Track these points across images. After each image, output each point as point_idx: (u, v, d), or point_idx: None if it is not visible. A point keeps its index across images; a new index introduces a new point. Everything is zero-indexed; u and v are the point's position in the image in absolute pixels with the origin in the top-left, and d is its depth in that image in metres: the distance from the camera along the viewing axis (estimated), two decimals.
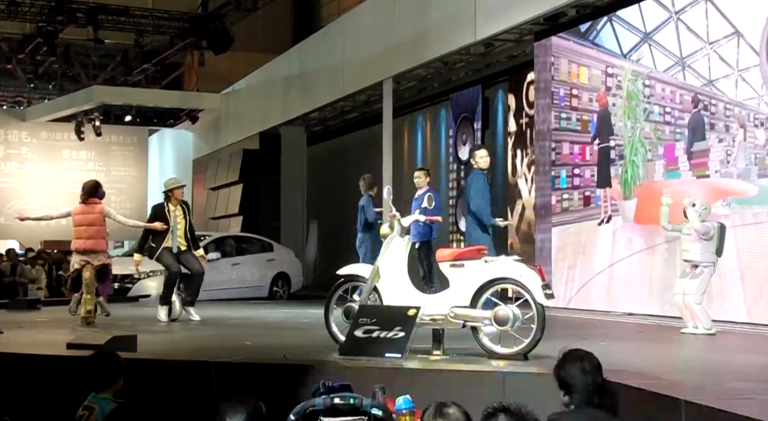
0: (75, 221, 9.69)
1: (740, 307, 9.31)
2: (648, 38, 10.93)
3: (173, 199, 10.01)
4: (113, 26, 20.92)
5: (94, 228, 9.60)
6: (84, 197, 9.84)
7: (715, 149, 9.81)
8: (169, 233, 9.85)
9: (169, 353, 7.07)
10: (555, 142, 12.54)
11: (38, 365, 6.35)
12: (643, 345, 8.11)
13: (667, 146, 10.55)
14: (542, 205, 12.77)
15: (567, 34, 12.33)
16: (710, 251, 8.47)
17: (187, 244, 10.02)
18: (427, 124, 17.46)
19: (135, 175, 24.92)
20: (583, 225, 11.96)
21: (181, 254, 9.97)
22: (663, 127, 10.64)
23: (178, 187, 10.08)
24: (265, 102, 20.42)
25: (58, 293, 17.74)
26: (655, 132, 10.71)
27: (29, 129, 23.92)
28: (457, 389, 5.25)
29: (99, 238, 9.60)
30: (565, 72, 12.35)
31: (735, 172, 9.58)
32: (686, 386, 5.12)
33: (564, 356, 4.01)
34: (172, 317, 10.00)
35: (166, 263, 9.91)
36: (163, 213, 9.93)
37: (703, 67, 10.05)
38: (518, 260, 6.57)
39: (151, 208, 10.46)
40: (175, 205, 10.00)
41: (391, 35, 14.96)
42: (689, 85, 10.23)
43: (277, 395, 5.15)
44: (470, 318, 6.42)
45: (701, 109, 10.05)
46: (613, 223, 11.44)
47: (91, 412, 4.39)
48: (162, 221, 9.83)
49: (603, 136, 11.67)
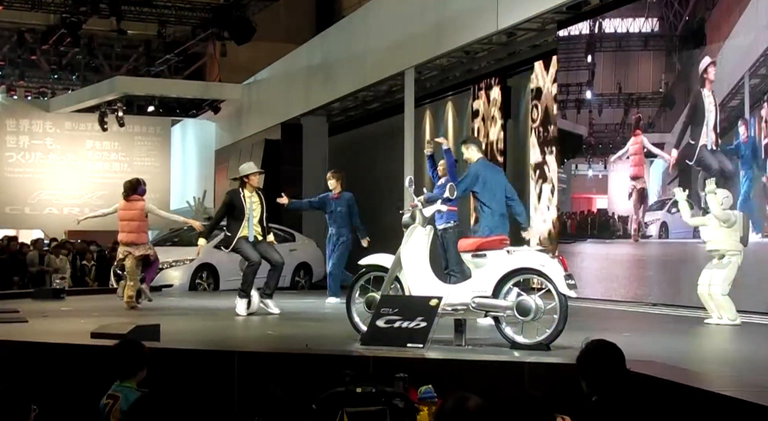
0: (119, 216, 10.57)
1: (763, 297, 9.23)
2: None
3: (249, 186, 9.56)
4: (136, 17, 20.99)
5: (135, 223, 10.47)
6: (125, 195, 10.68)
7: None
8: (245, 221, 9.42)
9: (192, 342, 7.10)
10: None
11: (63, 354, 6.40)
12: (667, 336, 8.06)
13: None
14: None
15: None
16: (734, 240, 8.39)
17: (263, 233, 9.59)
18: (448, 114, 17.41)
19: (158, 165, 25.00)
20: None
21: (258, 243, 9.52)
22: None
23: (254, 173, 9.66)
24: (287, 92, 20.43)
25: (81, 282, 17.90)
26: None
27: (53, 120, 24.06)
28: (478, 380, 5.25)
29: (140, 232, 10.49)
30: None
31: None
32: (711, 378, 5.09)
33: (587, 346, 3.99)
34: (250, 310, 9.56)
35: (246, 254, 9.47)
36: (239, 200, 9.49)
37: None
38: (541, 251, 6.54)
39: (225, 194, 10.02)
40: (251, 192, 9.57)
41: (413, 25, 14.90)
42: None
43: (300, 385, 5.17)
44: (492, 308, 6.41)
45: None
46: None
47: (115, 401, 4.42)
48: (237, 208, 9.42)
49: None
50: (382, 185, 17.85)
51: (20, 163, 23.72)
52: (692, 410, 4.33)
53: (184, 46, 22.60)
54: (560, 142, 13.09)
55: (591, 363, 3.90)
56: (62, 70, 24.78)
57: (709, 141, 10.24)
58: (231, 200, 9.53)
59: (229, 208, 9.50)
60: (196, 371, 5.94)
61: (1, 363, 6.50)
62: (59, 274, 16.22)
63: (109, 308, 10.60)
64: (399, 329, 6.20)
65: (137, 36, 23.43)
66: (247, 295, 9.55)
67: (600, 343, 4.00)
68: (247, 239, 9.43)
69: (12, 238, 19.58)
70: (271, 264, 9.56)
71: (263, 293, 9.71)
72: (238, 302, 9.55)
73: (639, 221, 11.36)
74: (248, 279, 9.51)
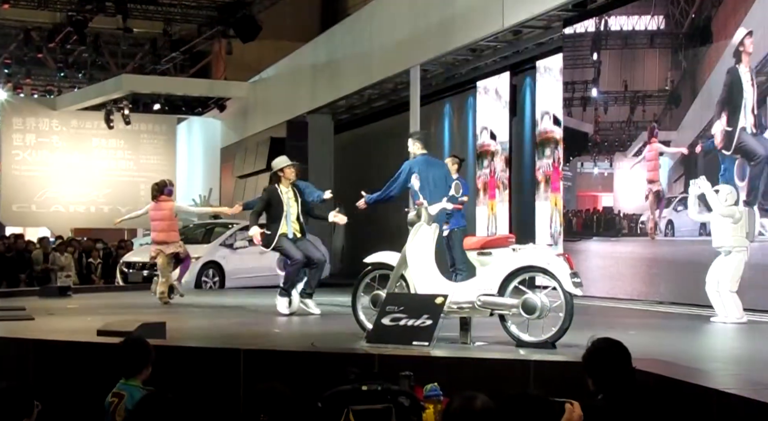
0: (150, 216, 11.03)
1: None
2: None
3: (284, 181, 9.29)
4: (142, 15, 21.04)
5: (165, 222, 10.93)
6: (153, 196, 11.06)
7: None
8: (283, 219, 9.13)
9: (197, 340, 7.11)
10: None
11: (69, 351, 6.41)
12: (673, 334, 8.04)
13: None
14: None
15: None
16: (740, 236, 8.38)
17: (302, 229, 9.27)
18: (454, 112, 17.39)
19: (164, 163, 25.03)
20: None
21: (299, 240, 9.20)
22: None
23: (288, 166, 9.35)
24: (293, 90, 20.43)
25: (87, 280, 17.93)
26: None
27: (59, 118, 24.11)
28: (484, 378, 5.25)
29: (170, 230, 10.96)
30: None
31: None
32: (717, 376, 5.08)
33: (593, 344, 3.99)
34: (291, 310, 9.27)
35: (288, 252, 9.14)
36: (277, 196, 9.20)
37: None
38: (546, 248, 6.53)
39: (263, 191, 9.69)
40: (287, 187, 9.29)
41: (418, 22, 14.89)
42: None
43: (305, 383, 5.17)
44: (498, 306, 6.41)
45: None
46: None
47: (120, 399, 4.42)
48: (276, 204, 9.14)
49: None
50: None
51: (27, 161, 23.77)
52: (698, 409, 4.33)
53: (190, 44, 22.64)
54: (566, 139, 13.07)
55: (597, 361, 3.89)
56: (68, 68, 24.83)
57: (748, 124, 9.52)
58: (269, 198, 9.25)
59: (267, 205, 9.25)
60: (202, 369, 5.95)
61: (8, 360, 6.52)
62: (64, 272, 16.26)
63: (115, 305, 10.63)
64: (404, 327, 6.20)
65: (143, 34, 23.46)
66: (289, 294, 9.27)
67: (606, 341, 4.00)
68: (287, 236, 9.14)
69: (18, 236, 19.62)
70: (312, 262, 9.20)
71: (303, 292, 9.34)
72: (279, 300, 9.27)
73: (655, 220, 11.28)
74: (291, 278, 9.26)
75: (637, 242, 11.57)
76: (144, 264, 15.64)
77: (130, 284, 15.19)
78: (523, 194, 14.77)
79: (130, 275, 15.60)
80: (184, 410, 3.22)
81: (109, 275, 17.83)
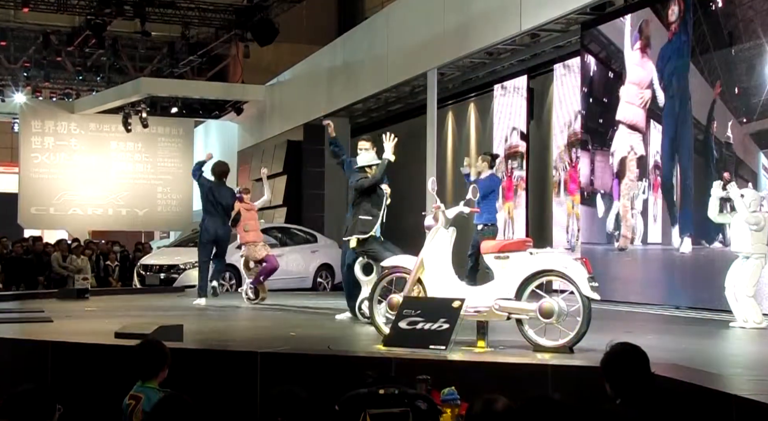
0: (246, 216, 11.40)
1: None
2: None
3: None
4: (160, 19, 21.12)
5: (256, 222, 11.50)
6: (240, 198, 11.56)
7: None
8: (378, 220, 8.39)
9: (214, 343, 7.13)
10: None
11: (87, 353, 6.44)
12: (691, 339, 7.99)
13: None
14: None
15: None
16: (762, 242, 8.32)
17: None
18: (471, 115, 17.37)
19: (181, 166, 25.11)
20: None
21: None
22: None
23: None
24: (310, 93, 20.47)
25: (105, 282, 18.01)
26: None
27: (78, 121, 24.24)
28: (501, 382, 5.23)
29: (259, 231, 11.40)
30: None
31: None
32: (736, 381, 5.04)
33: (611, 349, 3.97)
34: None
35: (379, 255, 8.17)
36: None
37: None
38: (564, 252, 6.51)
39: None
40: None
41: (435, 25, 14.89)
42: None
43: (322, 386, 5.17)
44: (515, 310, 6.39)
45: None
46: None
47: (137, 401, 4.43)
48: (380, 194, 8.47)
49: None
50: (405, 187, 17.82)
51: (45, 164, 23.91)
52: (717, 414, 4.29)
53: (208, 47, 22.71)
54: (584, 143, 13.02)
55: (615, 366, 3.87)
56: (87, 72, 24.96)
57: None
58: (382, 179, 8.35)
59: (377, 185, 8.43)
60: (219, 372, 5.96)
61: (27, 362, 6.55)
62: (81, 274, 16.35)
63: (132, 307, 10.67)
64: (421, 330, 6.19)
65: (161, 37, 23.56)
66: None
67: (624, 346, 3.97)
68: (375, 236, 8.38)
69: (37, 238, 19.74)
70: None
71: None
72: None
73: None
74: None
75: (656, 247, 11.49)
76: (161, 267, 15.71)
77: (147, 287, 15.25)
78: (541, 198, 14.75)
79: (147, 277, 15.67)
80: (200, 412, 3.22)
81: (127, 277, 17.91)
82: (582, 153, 12.98)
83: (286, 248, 16.21)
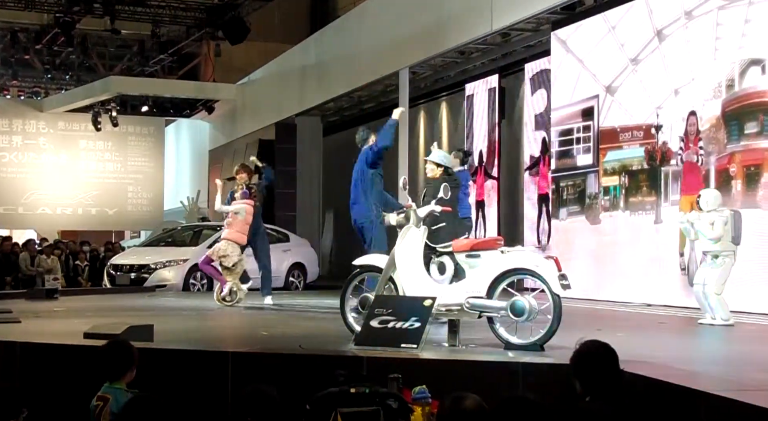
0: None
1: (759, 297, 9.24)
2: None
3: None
4: (130, 17, 20.95)
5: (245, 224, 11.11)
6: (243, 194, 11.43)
7: None
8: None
9: (185, 342, 7.08)
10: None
11: (56, 354, 6.38)
12: (660, 336, 8.07)
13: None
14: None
15: None
16: (726, 240, 8.40)
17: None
18: (443, 114, 17.40)
19: (152, 165, 24.95)
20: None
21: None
22: None
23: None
24: (281, 92, 20.41)
25: (74, 282, 17.86)
26: None
27: (47, 119, 24.01)
28: (472, 380, 5.24)
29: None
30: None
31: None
32: (704, 378, 5.09)
33: (580, 346, 3.99)
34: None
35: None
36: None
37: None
38: (534, 251, 6.54)
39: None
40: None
41: (407, 25, 14.90)
42: None
43: (293, 385, 5.16)
44: (486, 308, 6.41)
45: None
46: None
47: (105, 402, 4.39)
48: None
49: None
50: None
51: (13, 162, 23.65)
52: (686, 411, 4.33)
53: (178, 46, 22.57)
54: None
55: (584, 363, 3.89)
56: (56, 70, 24.72)
57: None
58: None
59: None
60: (189, 372, 5.93)
61: None
62: (51, 274, 16.20)
63: (102, 308, 10.59)
64: (393, 329, 6.19)
65: (131, 36, 23.38)
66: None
67: (593, 343, 4.00)
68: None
69: (5, 238, 19.53)
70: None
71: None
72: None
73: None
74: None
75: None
76: (132, 266, 15.59)
77: (118, 287, 15.14)
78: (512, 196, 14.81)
79: (117, 277, 15.55)
80: (169, 412, 3.20)
81: (97, 277, 17.76)
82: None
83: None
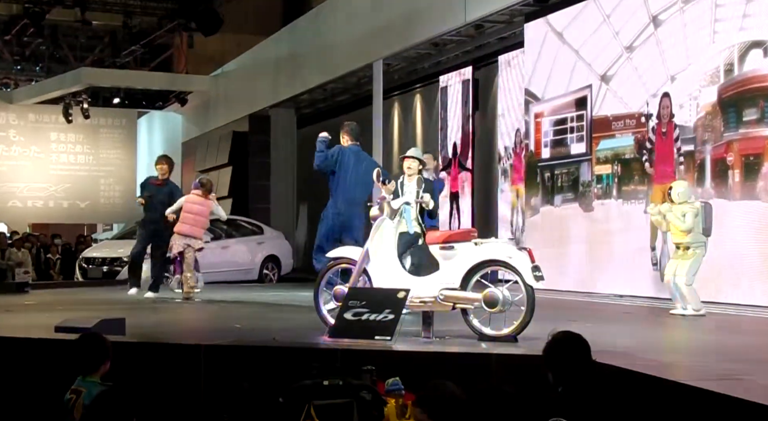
0: (186, 208, 10.87)
1: (730, 288, 9.33)
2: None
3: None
4: (101, 7, 20.74)
5: (200, 218, 10.96)
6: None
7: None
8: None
9: (158, 336, 7.05)
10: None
11: (27, 348, 6.32)
12: (632, 327, 8.13)
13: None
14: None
15: None
16: (697, 232, 8.48)
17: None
18: (417, 106, 17.40)
19: (124, 157, 24.79)
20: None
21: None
22: None
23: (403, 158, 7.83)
24: (255, 84, 20.32)
25: (46, 276, 17.71)
26: None
27: (16, 111, 23.76)
28: (446, 371, 5.25)
29: (199, 226, 10.96)
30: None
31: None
32: (675, 367, 5.14)
33: (553, 337, 4.01)
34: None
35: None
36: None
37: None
38: (508, 242, 6.57)
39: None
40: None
41: (381, 17, 14.88)
42: None
43: (267, 378, 5.14)
44: (460, 300, 6.42)
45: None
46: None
47: (78, 395, 4.36)
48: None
49: None
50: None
51: None
52: (657, 401, 4.37)
53: (151, 37, 22.37)
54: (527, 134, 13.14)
55: (557, 354, 3.91)
56: (25, 61, 24.47)
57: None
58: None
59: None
60: (162, 365, 5.89)
61: None
62: (22, 268, 16.05)
63: (74, 301, 10.51)
64: (367, 321, 6.19)
65: (102, 26, 23.17)
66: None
67: (566, 334, 4.02)
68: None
69: None
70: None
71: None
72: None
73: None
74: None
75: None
76: (104, 260, 15.49)
77: (90, 280, 15.03)
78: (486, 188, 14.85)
79: (89, 270, 15.44)
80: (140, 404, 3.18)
81: (69, 271, 17.63)
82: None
83: (231, 240, 16.10)
